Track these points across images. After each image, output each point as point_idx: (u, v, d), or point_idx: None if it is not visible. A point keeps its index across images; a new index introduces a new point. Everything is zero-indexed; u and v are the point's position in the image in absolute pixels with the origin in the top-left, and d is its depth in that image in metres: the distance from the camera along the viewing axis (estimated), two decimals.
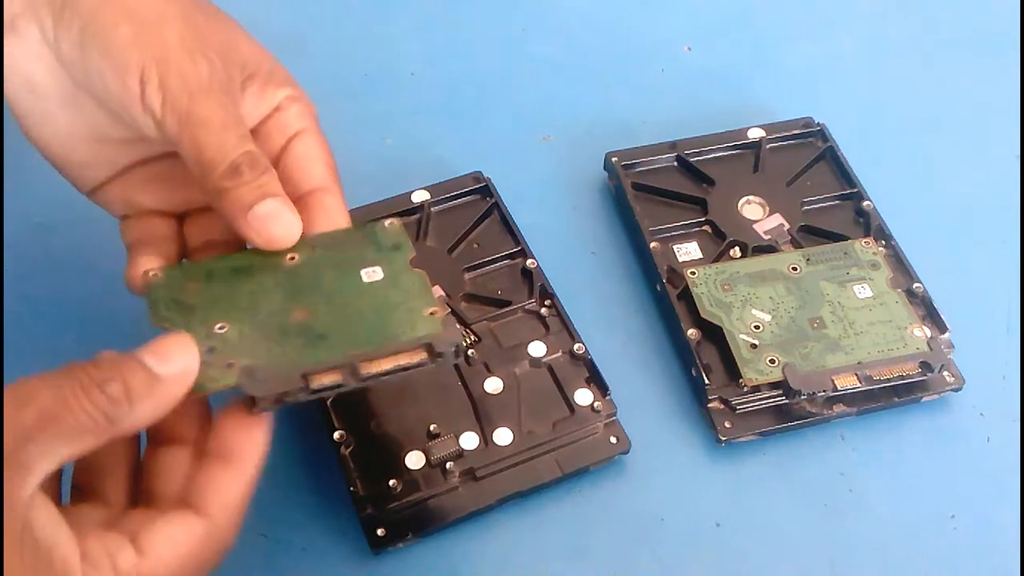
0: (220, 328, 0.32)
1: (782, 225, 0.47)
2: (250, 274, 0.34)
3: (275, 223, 0.34)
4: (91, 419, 0.28)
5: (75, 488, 0.32)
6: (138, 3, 0.34)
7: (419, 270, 0.35)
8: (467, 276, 0.45)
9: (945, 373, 0.43)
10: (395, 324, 0.33)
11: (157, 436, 0.33)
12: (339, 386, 0.32)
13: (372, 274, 0.34)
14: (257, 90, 0.36)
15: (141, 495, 0.32)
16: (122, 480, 0.32)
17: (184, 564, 0.29)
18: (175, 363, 0.30)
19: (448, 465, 0.39)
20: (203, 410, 0.33)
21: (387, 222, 0.36)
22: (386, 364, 0.32)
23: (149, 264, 0.35)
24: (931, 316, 0.44)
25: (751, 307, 0.43)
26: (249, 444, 0.31)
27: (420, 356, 0.32)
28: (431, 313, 0.33)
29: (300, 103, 0.38)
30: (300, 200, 0.36)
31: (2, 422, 0.26)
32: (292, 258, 0.35)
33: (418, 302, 0.34)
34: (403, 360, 0.32)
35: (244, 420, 0.31)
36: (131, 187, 0.37)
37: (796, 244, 0.46)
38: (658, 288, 0.46)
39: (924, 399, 0.43)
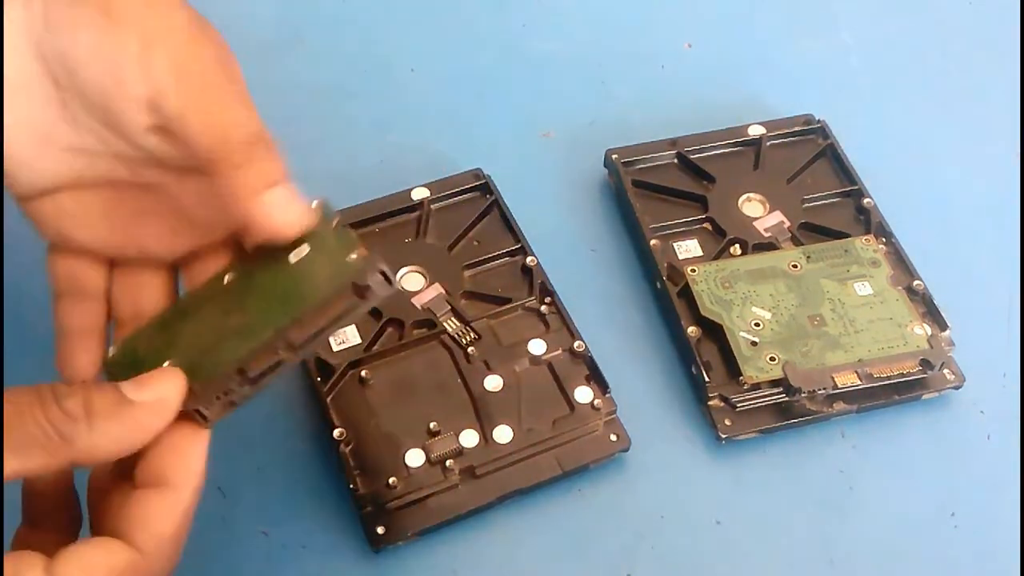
0: (166, 366, 0.31)
1: (782, 222, 0.47)
2: (194, 310, 0.33)
3: (286, 210, 0.31)
4: (42, 433, 0.26)
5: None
6: None
7: (346, 228, 0.32)
8: (467, 274, 0.45)
9: (945, 371, 0.43)
10: (318, 282, 0.31)
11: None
12: (279, 363, 0.30)
13: (299, 253, 0.32)
14: None
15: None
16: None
17: None
18: (151, 391, 0.28)
19: (448, 463, 0.39)
20: None
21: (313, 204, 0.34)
22: (317, 321, 0.30)
23: (87, 355, 0.33)
24: (931, 314, 0.44)
25: (751, 304, 0.43)
26: (183, 470, 0.29)
27: (347, 299, 0.30)
28: (353, 257, 0.31)
29: None
30: None
31: None
32: (227, 279, 0.33)
33: (340, 254, 0.31)
34: (331, 311, 0.30)
35: (179, 443, 0.29)
36: (65, 211, 0.33)
37: (796, 241, 0.46)
38: (658, 285, 0.46)
39: (924, 397, 0.43)
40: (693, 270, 0.44)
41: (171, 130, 0.30)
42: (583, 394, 0.41)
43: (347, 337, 0.42)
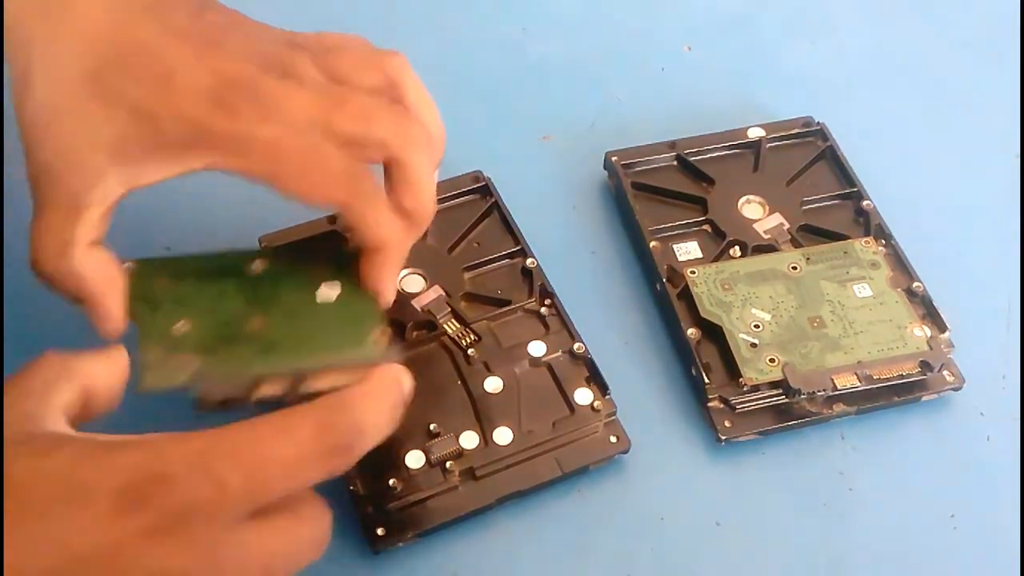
0: (180, 325, 0.34)
1: (782, 224, 0.47)
2: (217, 277, 0.36)
3: None
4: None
5: None
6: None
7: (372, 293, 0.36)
8: (467, 275, 0.45)
9: (945, 372, 0.43)
10: (341, 344, 0.35)
11: None
12: (280, 397, 0.34)
13: (329, 290, 0.36)
14: None
15: None
16: None
17: None
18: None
19: (448, 464, 0.39)
20: None
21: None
22: (324, 382, 0.34)
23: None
24: (931, 315, 0.44)
25: (751, 306, 0.43)
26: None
27: (357, 379, 0.34)
28: (376, 338, 0.35)
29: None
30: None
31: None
32: (258, 266, 0.36)
33: (366, 325, 0.35)
34: (341, 380, 0.34)
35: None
36: None
37: (796, 243, 0.46)
38: (658, 287, 0.46)
39: (924, 398, 0.43)
40: (693, 272, 0.44)
41: None
42: (583, 396, 0.41)
43: None
